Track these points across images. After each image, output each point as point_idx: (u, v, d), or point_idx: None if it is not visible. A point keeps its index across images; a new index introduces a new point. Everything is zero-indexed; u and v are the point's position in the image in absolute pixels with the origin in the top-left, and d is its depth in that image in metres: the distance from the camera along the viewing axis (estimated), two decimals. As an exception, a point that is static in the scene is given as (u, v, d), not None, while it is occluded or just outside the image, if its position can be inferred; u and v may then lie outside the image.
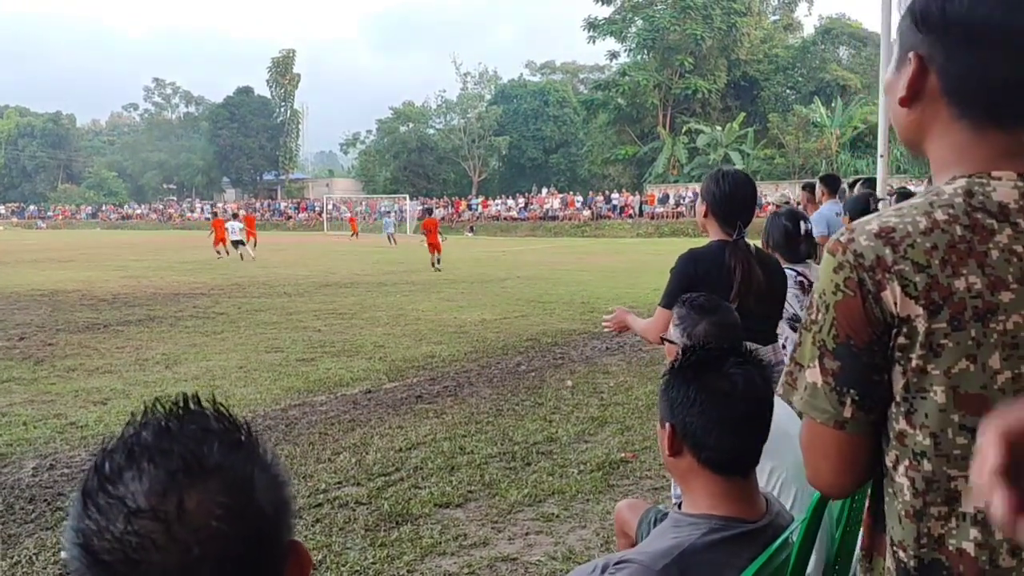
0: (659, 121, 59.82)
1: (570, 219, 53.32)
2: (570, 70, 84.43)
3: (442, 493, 4.96)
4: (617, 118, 61.64)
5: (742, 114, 55.50)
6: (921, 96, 1.22)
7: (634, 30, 60.41)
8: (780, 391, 1.26)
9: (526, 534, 4.39)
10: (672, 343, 2.72)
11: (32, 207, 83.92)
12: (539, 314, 13.27)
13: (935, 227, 1.14)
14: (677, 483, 1.88)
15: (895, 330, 1.15)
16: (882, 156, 6.53)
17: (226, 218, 31.20)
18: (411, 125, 72.86)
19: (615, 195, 55.10)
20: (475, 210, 59.26)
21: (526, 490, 5.00)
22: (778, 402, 2.58)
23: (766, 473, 2.40)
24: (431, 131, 73.38)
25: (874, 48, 51.85)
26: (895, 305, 1.14)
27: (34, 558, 4.06)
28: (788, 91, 62.22)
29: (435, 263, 22.84)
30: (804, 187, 9.65)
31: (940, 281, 1.12)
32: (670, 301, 3.34)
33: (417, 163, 70.04)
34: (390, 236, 40.18)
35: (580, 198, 56.14)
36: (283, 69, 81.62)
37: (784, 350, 4.15)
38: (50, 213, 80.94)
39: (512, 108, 71.30)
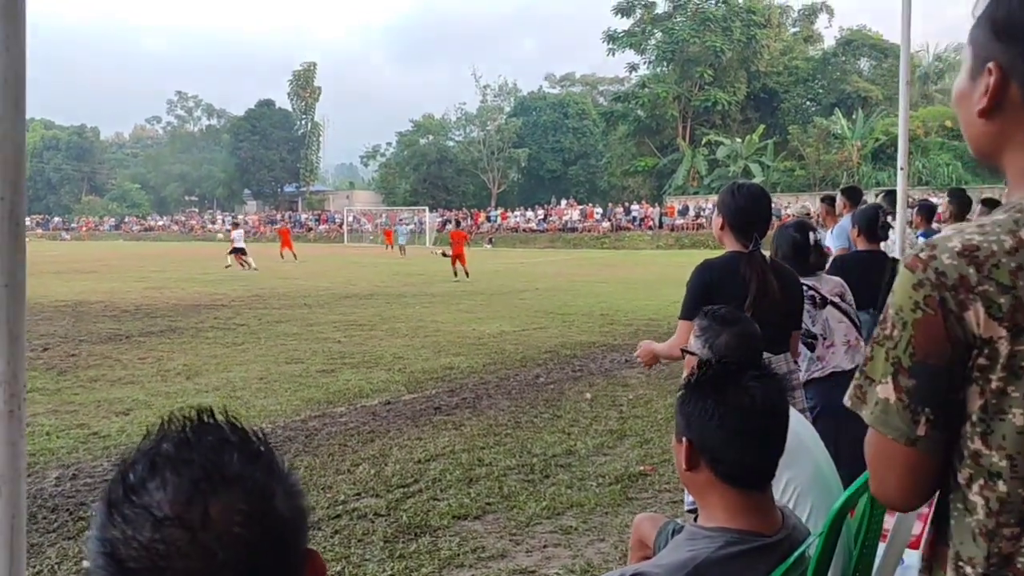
0: (679, 133, 59.75)
1: (589, 231, 53.30)
2: (590, 82, 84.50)
3: (460, 505, 4.96)
4: (637, 130, 61.63)
5: (762, 126, 55.32)
6: (1001, 108, 1.20)
7: (653, 42, 60.46)
8: (848, 402, 1.25)
9: (544, 547, 4.39)
10: (693, 354, 2.72)
11: (57, 219, 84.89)
12: (558, 326, 13.27)
13: (1021, 247, 1.12)
14: (693, 497, 1.88)
15: (975, 351, 1.13)
16: (902, 168, 6.49)
17: (227, 228, 32.13)
18: (431, 137, 73.19)
19: (635, 207, 55.03)
20: (494, 222, 59.33)
21: (544, 503, 5.00)
22: (794, 412, 2.59)
23: (782, 484, 2.39)
24: (451, 143, 73.65)
25: (895, 59, 51.41)
26: (978, 326, 1.12)
27: (56, 567, 4.10)
28: (808, 103, 61.98)
29: (456, 273, 23.46)
30: (823, 200, 9.61)
31: None
32: (690, 312, 3.35)
33: (437, 175, 70.28)
34: (401, 247, 40.84)
35: (599, 210, 56.11)
36: (304, 82, 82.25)
37: (797, 366, 4.13)
38: (74, 225, 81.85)
39: (531, 120, 71.47)
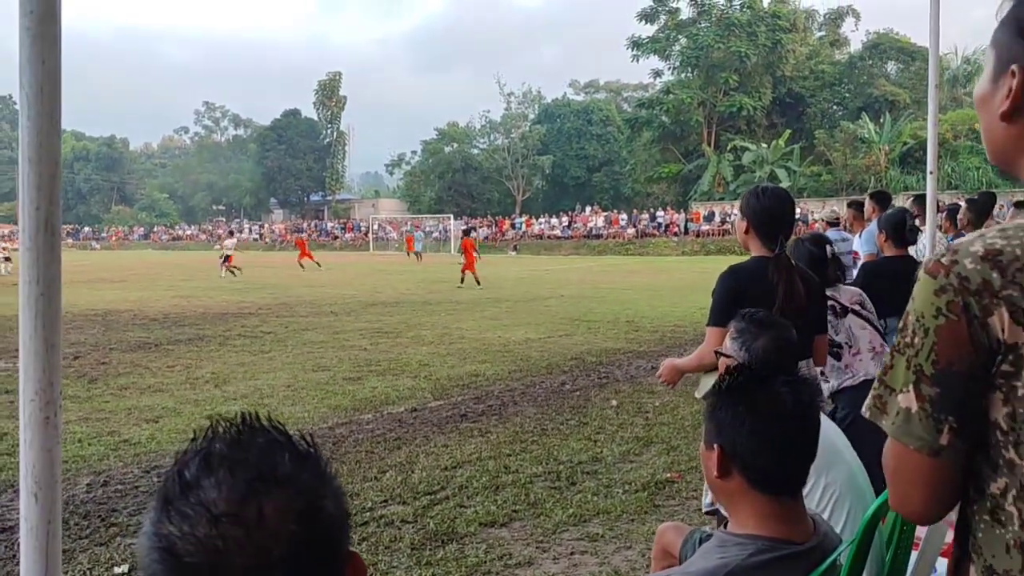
0: (704, 139, 59.52)
1: (614, 237, 53.18)
2: (614, 89, 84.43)
3: (487, 512, 4.96)
4: (661, 136, 61.45)
5: (788, 131, 54.97)
6: None
7: (678, 48, 60.29)
8: (867, 413, 1.23)
9: (571, 554, 4.38)
10: (728, 357, 2.70)
11: (87, 228, 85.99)
12: (583, 333, 13.25)
13: None
14: (723, 504, 1.86)
15: (999, 356, 1.11)
16: (932, 172, 6.41)
17: (223, 236, 32.88)
18: (455, 145, 73.42)
19: (660, 213, 54.86)
20: (519, 229, 59.38)
21: (571, 510, 4.99)
22: (825, 419, 2.57)
23: (820, 489, 2.38)
24: (475, 151, 73.86)
25: (923, 63, 51.12)
26: (1002, 331, 1.10)
27: (88, 573, 4.15)
28: (835, 107, 61.52)
29: (463, 280, 23.57)
30: (850, 205, 9.53)
31: None
32: (718, 319, 3.34)
33: (461, 183, 70.50)
34: (418, 253, 41.37)
35: (624, 216, 56.01)
36: (330, 91, 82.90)
37: (828, 380, 4.11)
38: (104, 234, 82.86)
39: (556, 127, 71.53)
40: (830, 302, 4.10)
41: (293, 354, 11.25)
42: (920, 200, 8.19)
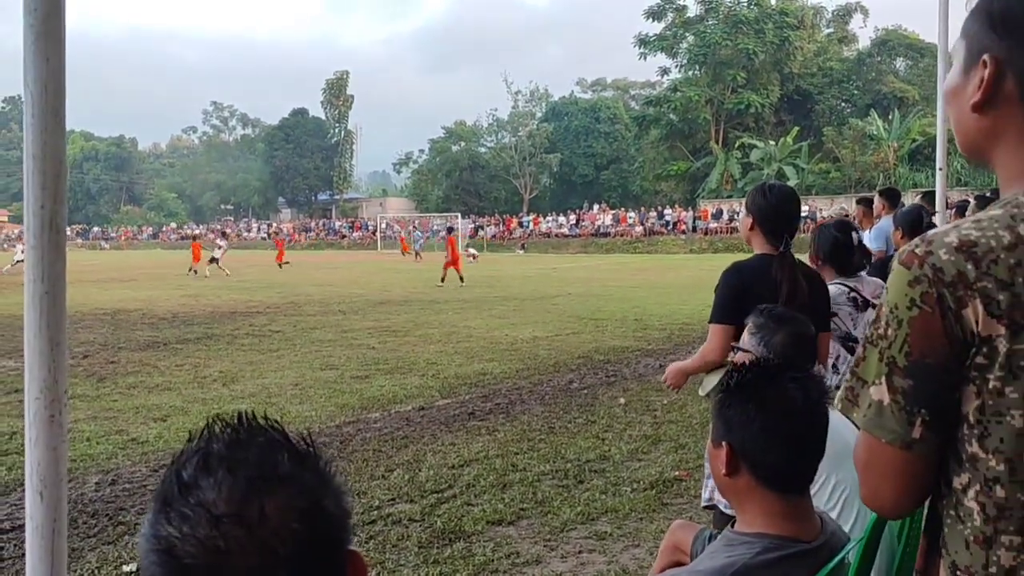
0: (712, 136, 59.43)
1: (622, 235, 53.15)
2: (621, 87, 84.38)
3: (495, 510, 4.96)
4: (669, 134, 61.38)
5: (796, 128, 54.87)
6: (995, 102, 1.17)
7: (685, 46, 60.21)
8: (839, 406, 1.22)
9: (579, 552, 4.37)
10: (745, 351, 2.69)
11: (96, 228, 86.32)
12: (591, 331, 13.24)
13: (1019, 242, 1.09)
14: (731, 502, 1.85)
15: (973, 349, 1.10)
16: (941, 169, 6.39)
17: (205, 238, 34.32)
18: (462, 144, 73.49)
19: (668, 211, 54.81)
20: (526, 227, 59.39)
21: (579, 508, 4.98)
22: (839, 417, 2.55)
23: (829, 488, 2.36)
24: (482, 149, 73.93)
25: (932, 59, 50.88)
26: (976, 323, 1.09)
27: (96, 571, 4.16)
28: (843, 104, 61.37)
29: (443, 279, 23.87)
30: (859, 202, 9.48)
31: None
32: (721, 316, 3.33)
33: (469, 181, 70.55)
34: (416, 252, 41.70)
35: (632, 214, 55.98)
36: (337, 91, 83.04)
37: (835, 369, 4.07)
38: (113, 234, 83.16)
39: (563, 125, 71.52)
40: (852, 294, 4.06)
41: (301, 353, 11.27)
42: (929, 197, 8.16)
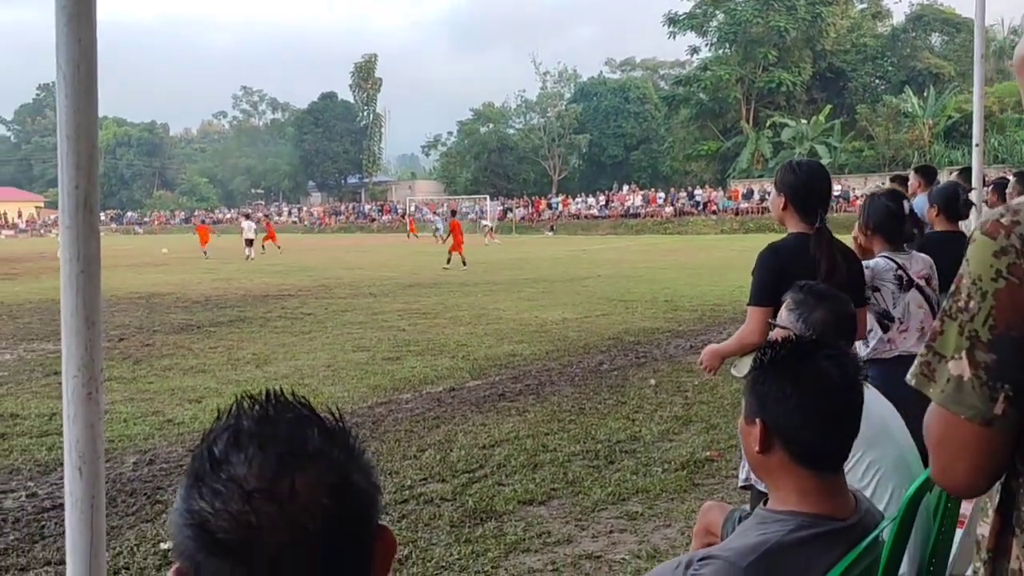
0: (742, 115, 58.81)
1: (652, 216, 52.86)
2: (650, 66, 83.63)
3: (526, 490, 4.98)
4: (699, 113, 60.83)
5: (828, 106, 54.13)
6: None
7: (715, 24, 59.49)
8: (912, 380, 1.17)
9: (610, 532, 4.38)
10: (783, 328, 2.66)
11: (130, 213, 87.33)
12: (621, 313, 13.20)
13: None
14: (763, 480, 1.84)
15: None
16: (977, 145, 6.28)
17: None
18: (491, 126, 73.30)
19: (698, 191, 54.42)
20: (555, 209, 59.23)
21: (609, 488, 4.99)
22: (876, 395, 2.53)
23: (864, 466, 2.34)
24: (511, 131, 73.68)
25: (968, 34, 49.92)
26: None
27: (135, 549, 4.24)
28: (877, 81, 60.41)
29: (449, 260, 24.15)
30: (892, 179, 9.32)
31: None
32: (760, 298, 3.30)
33: (497, 163, 70.41)
34: (436, 233, 42.00)
35: (662, 195, 55.63)
36: (365, 74, 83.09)
37: (868, 345, 4.01)
38: (146, 219, 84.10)
39: (592, 106, 71.08)
40: (898, 271, 4.00)
41: (333, 335, 11.36)
42: (966, 174, 8.02)
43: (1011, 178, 8.26)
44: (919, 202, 7.94)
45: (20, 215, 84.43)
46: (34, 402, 7.48)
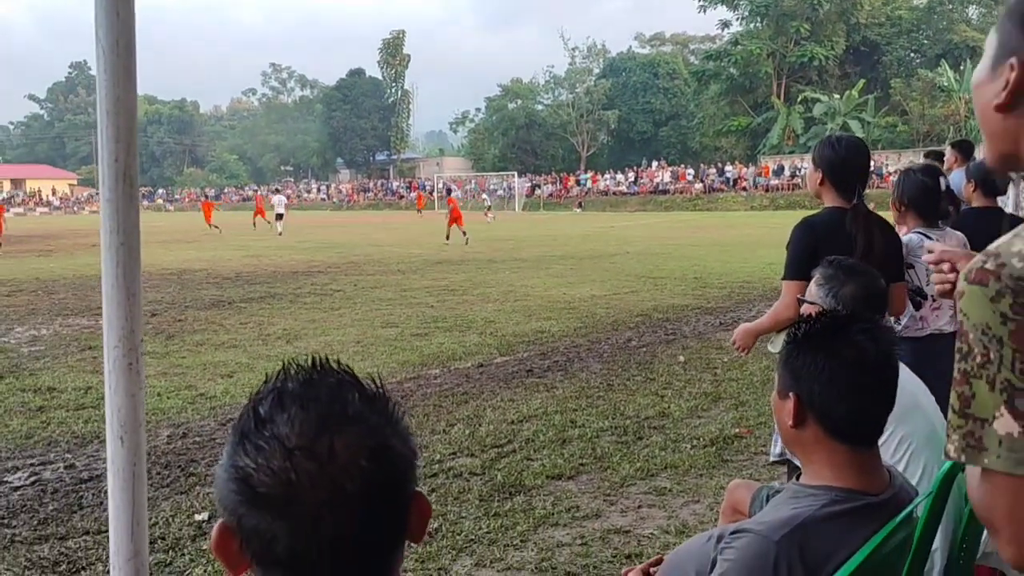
0: (773, 91, 58.07)
1: (681, 193, 52.50)
2: (680, 41, 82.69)
3: (554, 465, 5.00)
4: (729, 89, 60.15)
5: (862, 81, 53.29)
6: (1019, 104, 1.12)
7: (747, -3, 58.69)
8: (961, 457, 1.05)
9: (639, 507, 4.39)
10: (813, 304, 2.65)
11: (161, 191, 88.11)
12: (649, 289, 13.16)
13: None
14: (797, 455, 1.84)
15: None
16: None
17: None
18: (519, 102, 72.98)
19: (728, 167, 53.92)
20: (584, 185, 58.98)
21: (638, 464, 4.99)
22: (906, 371, 2.50)
23: (896, 441, 2.33)
24: (539, 107, 73.35)
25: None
26: None
27: (171, 519, 4.31)
28: (912, 55, 59.34)
29: (448, 236, 25.03)
30: (927, 155, 9.16)
31: None
32: (795, 272, 3.29)
33: (525, 140, 70.17)
34: (489, 208, 42.46)
35: (691, 171, 55.18)
36: (393, 50, 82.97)
37: (899, 323, 3.96)
38: (177, 196, 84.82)
39: (621, 81, 70.50)
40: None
41: (362, 311, 11.42)
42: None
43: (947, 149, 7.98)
44: (955, 178, 7.81)
45: (54, 192, 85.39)
46: (70, 376, 7.61)
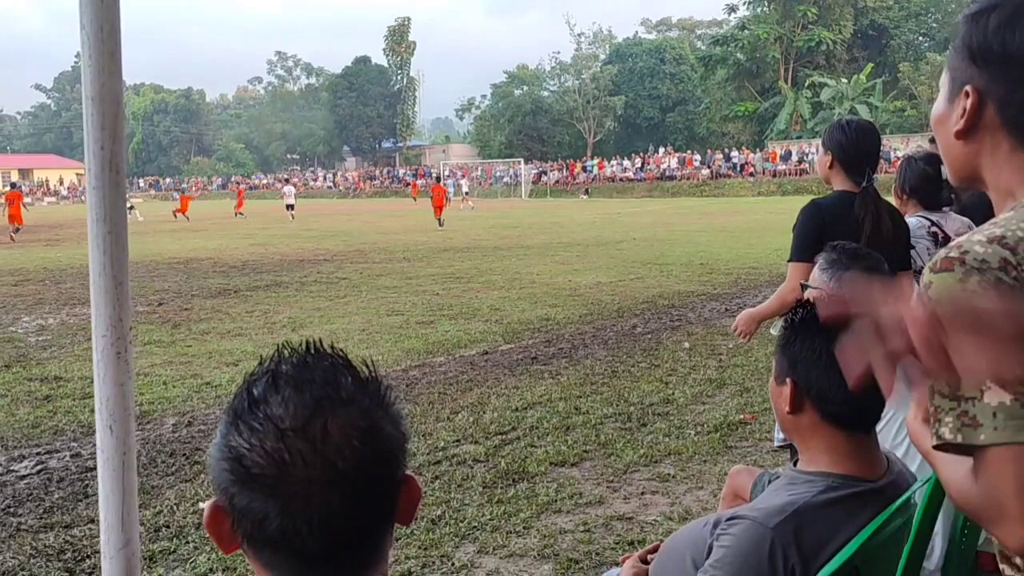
0: (780, 75, 57.77)
1: (688, 179, 52.36)
2: (686, 26, 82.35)
3: (558, 452, 5.00)
4: (736, 74, 59.86)
5: (870, 65, 52.98)
6: (978, 128, 1.20)
7: (754, -19, 58.33)
8: (958, 437, 1.04)
9: (642, 494, 4.39)
10: (816, 289, 2.63)
11: (168, 180, 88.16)
12: (655, 276, 13.13)
13: None
14: (794, 441, 1.83)
15: None
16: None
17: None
18: (525, 88, 72.74)
19: (735, 153, 53.72)
20: (590, 172, 58.83)
21: (642, 451, 4.99)
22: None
23: (897, 425, 2.32)
24: (545, 93, 73.09)
25: (1017, -12, 48.41)
26: None
27: (175, 508, 4.32)
28: (921, 38, 59.01)
29: (441, 222, 26.20)
30: (932, 140, 9.05)
31: None
32: (801, 254, 3.26)
33: (531, 126, 69.96)
34: (449, 197, 42.10)
35: (698, 157, 55.00)
36: (399, 37, 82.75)
37: None
38: (184, 185, 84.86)
39: (627, 67, 70.20)
40: (933, 228, 3.93)
41: (367, 299, 11.43)
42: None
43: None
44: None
45: (62, 182, 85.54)
46: (76, 365, 7.63)
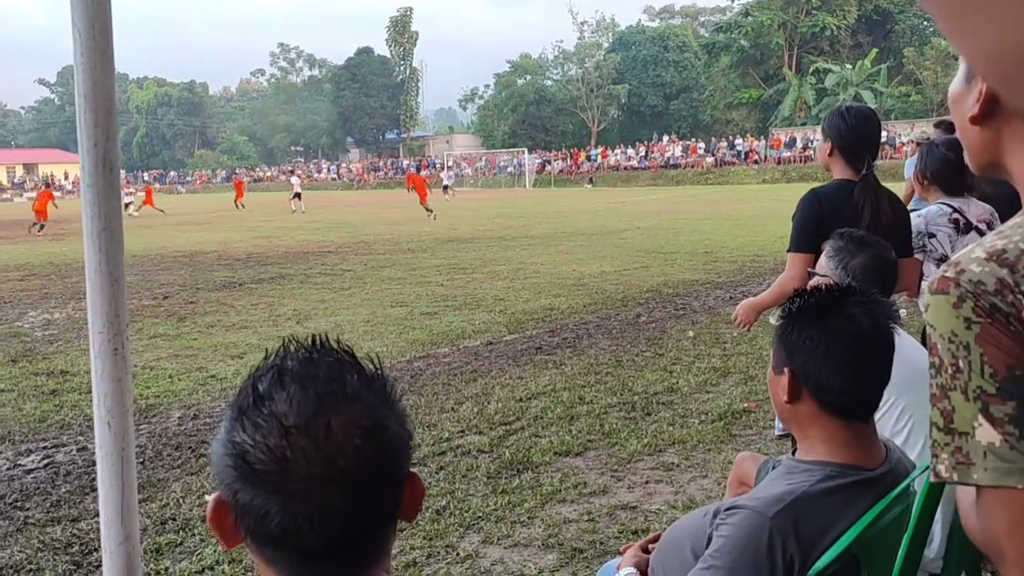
0: (784, 62, 57.54)
1: (692, 167, 52.23)
2: (690, 13, 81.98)
3: (562, 442, 5.01)
4: (740, 61, 59.64)
5: (874, 50, 52.73)
6: (995, 114, 1.11)
7: (757, -33, 58.04)
8: (953, 475, 1.00)
9: (646, 483, 4.39)
10: (823, 276, 2.62)
11: (172, 173, 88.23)
12: (660, 265, 13.12)
13: None
14: (792, 430, 1.83)
15: None
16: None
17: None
18: (528, 78, 72.57)
19: (739, 140, 53.56)
20: (594, 161, 58.71)
21: (646, 440, 5.00)
22: (911, 341, 2.48)
23: (897, 411, 2.32)
24: (548, 83, 72.90)
25: (1022, -29, 48.10)
26: None
27: (181, 500, 4.35)
28: (925, 23, 58.52)
29: (430, 212, 26.38)
30: (938, 125, 8.97)
31: None
32: (800, 244, 3.26)
33: (535, 116, 69.81)
34: (447, 188, 41.92)
35: (703, 145, 54.84)
36: (401, 28, 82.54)
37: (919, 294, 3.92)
38: (188, 178, 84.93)
39: (631, 55, 69.95)
40: (955, 215, 3.91)
41: (372, 291, 11.44)
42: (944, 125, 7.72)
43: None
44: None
45: (66, 177, 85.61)
46: (83, 359, 7.65)
